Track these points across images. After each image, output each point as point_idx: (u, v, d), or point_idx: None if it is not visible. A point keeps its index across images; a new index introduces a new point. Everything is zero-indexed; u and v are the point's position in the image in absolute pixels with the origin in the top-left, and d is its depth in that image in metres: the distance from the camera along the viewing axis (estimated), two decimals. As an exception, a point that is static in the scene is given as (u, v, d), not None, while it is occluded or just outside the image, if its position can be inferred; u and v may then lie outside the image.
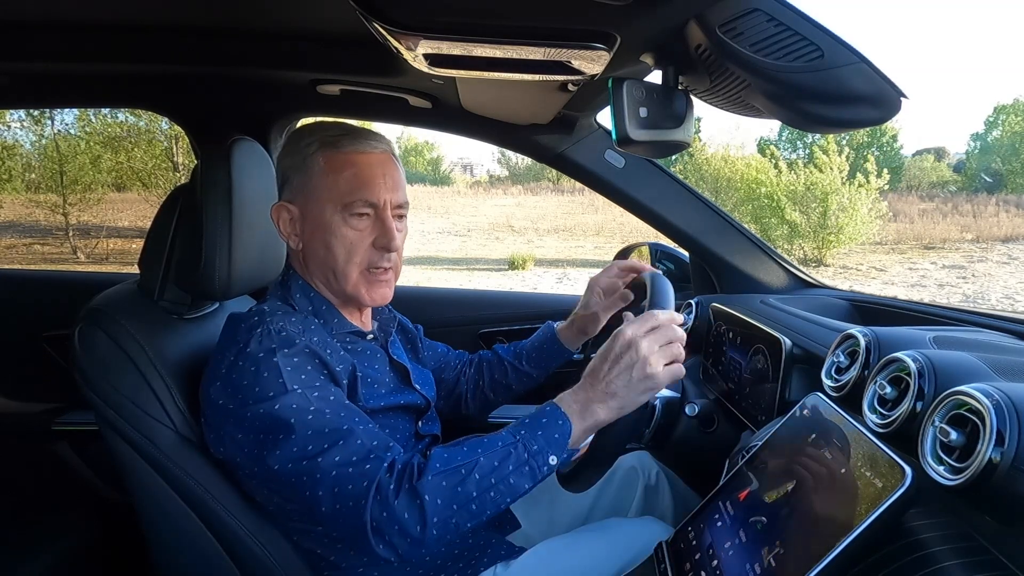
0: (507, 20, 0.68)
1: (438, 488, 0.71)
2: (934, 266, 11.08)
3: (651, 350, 0.76)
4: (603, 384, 0.76)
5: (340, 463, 0.73)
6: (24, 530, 1.32)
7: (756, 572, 0.58)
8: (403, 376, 0.97)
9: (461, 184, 26.58)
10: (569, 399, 0.78)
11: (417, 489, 0.71)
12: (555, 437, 0.75)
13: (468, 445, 0.76)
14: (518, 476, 0.74)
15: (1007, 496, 0.49)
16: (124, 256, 10.59)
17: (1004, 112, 23.42)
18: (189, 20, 1.11)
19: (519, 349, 1.16)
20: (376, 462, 0.73)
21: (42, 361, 1.57)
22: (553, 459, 0.75)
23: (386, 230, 0.88)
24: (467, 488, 0.72)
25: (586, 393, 0.77)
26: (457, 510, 0.72)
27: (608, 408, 0.76)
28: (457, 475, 0.72)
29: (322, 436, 0.74)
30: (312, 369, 0.79)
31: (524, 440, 0.75)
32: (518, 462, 0.74)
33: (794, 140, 22.86)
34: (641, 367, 0.75)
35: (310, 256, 0.91)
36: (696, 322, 1.29)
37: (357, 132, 0.90)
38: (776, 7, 0.59)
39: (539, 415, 0.77)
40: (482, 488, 0.72)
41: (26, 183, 12.56)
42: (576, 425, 0.76)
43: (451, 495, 0.72)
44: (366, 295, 0.90)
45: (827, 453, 0.62)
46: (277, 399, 0.75)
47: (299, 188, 0.90)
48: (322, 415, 0.75)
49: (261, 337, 0.79)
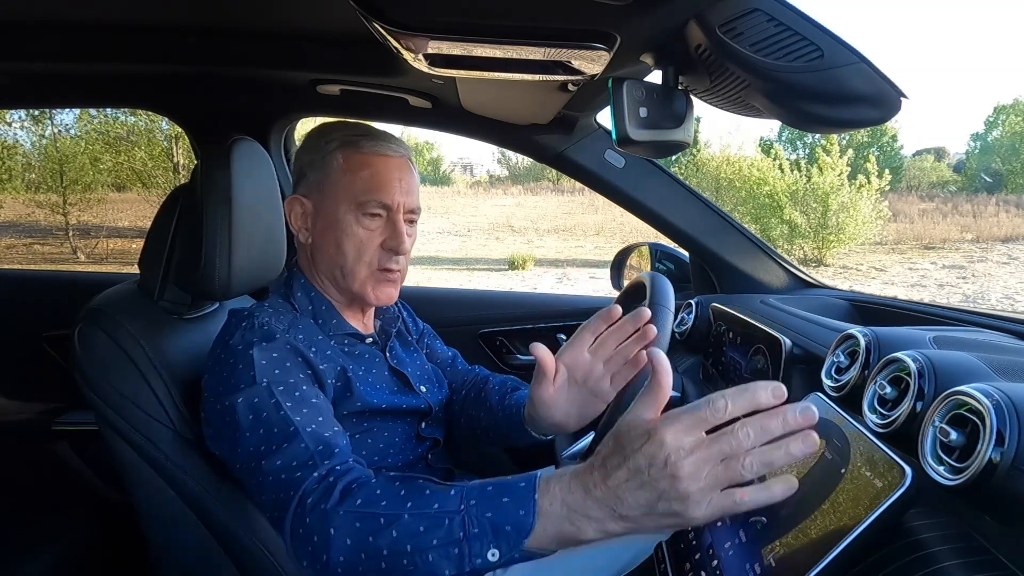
0: (507, 20, 0.68)
1: (349, 528, 0.62)
2: (934, 266, 11.08)
3: (694, 478, 0.51)
4: (611, 497, 0.54)
5: (279, 467, 0.69)
6: (24, 530, 1.32)
7: (756, 572, 0.58)
8: (402, 381, 0.96)
9: (461, 184, 26.60)
10: (557, 493, 0.57)
11: (328, 516, 0.63)
12: (504, 529, 0.57)
13: (407, 489, 0.63)
14: (440, 556, 0.58)
15: (1007, 496, 0.49)
16: (124, 256, 10.59)
17: (1004, 112, 23.43)
18: (189, 20, 1.11)
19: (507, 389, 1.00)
20: (309, 470, 0.68)
21: (42, 361, 1.57)
22: (493, 554, 0.58)
23: (396, 232, 0.88)
24: (378, 543, 0.60)
25: (584, 497, 0.56)
26: (365, 560, 0.61)
27: (604, 530, 0.56)
28: (374, 523, 0.61)
29: (270, 437, 0.72)
30: (290, 365, 0.78)
31: (467, 514, 0.59)
32: (447, 539, 0.58)
33: (794, 140, 22.85)
34: (673, 501, 0.52)
35: (319, 252, 0.91)
36: (696, 322, 1.29)
37: (378, 134, 0.91)
38: (776, 7, 0.59)
39: (505, 488, 0.60)
40: (394, 551, 0.60)
41: (26, 183, 12.56)
42: (544, 527, 0.57)
43: (360, 541, 0.61)
44: (372, 294, 0.90)
45: (827, 453, 0.62)
46: (242, 392, 0.75)
47: (315, 184, 0.90)
48: (276, 414, 0.73)
49: (244, 331, 0.80)
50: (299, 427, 0.72)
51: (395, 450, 0.91)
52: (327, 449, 0.71)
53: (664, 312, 0.88)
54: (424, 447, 0.97)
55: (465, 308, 1.70)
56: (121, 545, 1.36)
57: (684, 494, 0.51)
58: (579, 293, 7.47)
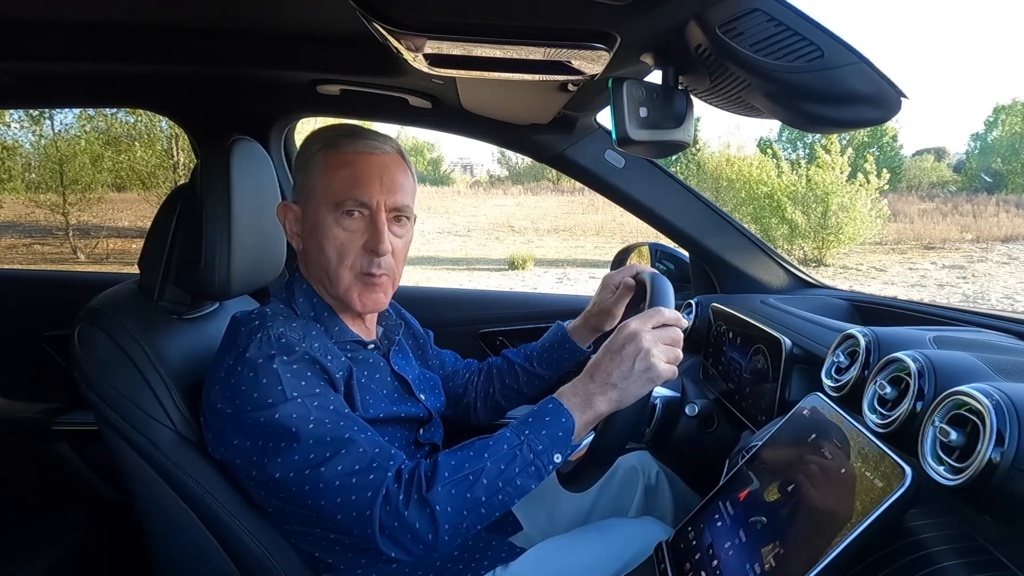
0: (507, 20, 0.68)
1: (448, 497, 0.73)
2: (934, 266, 11.08)
3: (653, 343, 0.77)
4: (603, 375, 0.78)
5: (343, 472, 0.74)
6: (24, 530, 1.32)
7: (756, 572, 0.58)
8: (405, 387, 0.96)
9: (461, 184, 26.58)
10: (569, 393, 0.79)
11: (428, 499, 0.72)
12: (559, 436, 0.76)
13: (474, 449, 0.76)
14: (525, 477, 0.75)
15: (1007, 496, 0.50)
16: (124, 256, 10.59)
17: (1004, 112, 23.43)
18: (189, 20, 1.11)
19: (530, 351, 1.14)
20: (380, 471, 0.74)
21: (42, 361, 1.57)
22: (558, 457, 0.77)
23: (376, 232, 0.84)
24: (476, 494, 0.73)
25: (585, 386, 0.79)
26: (467, 515, 0.73)
27: (608, 400, 0.77)
28: (466, 482, 0.74)
29: (323, 445, 0.74)
30: (312, 376, 0.79)
31: (528, 440, 0.76)
32: (524, 463, 0.75)
33: (794, 140, 22.84)
34: (643, 359, 0.76)
35: (308, 257, 0.89)
36: (696, 322, 1.29)
37: (359, 132, 0.89)
38: (776, 7, 0.59)
39: (542, 412, 0.78)
40: (491, 492, 0.74)
41: (26, 183, 12.56)
42: (578, 419, 0.77)
43: (461, 502, 0.73)
44: (358, 301, 0.87)
45: (827, 453, 0.62)
46: (277, 407, 0.75)
47: (301, 187, 0.89)
48: (322, 424, 0.76)
49: (260, 343, 0.79)
50: (353, 435, 0.76)
51: None
52: (384, 451, 0.77)
53: None
54: (422, 453, 0.97)
55: (465, 308, 1.70)
56: (121, 545, 1.36)
57: (649, 351, 0.77)
58: (579, 293, 7.46)
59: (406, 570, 0.88)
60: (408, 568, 0.88)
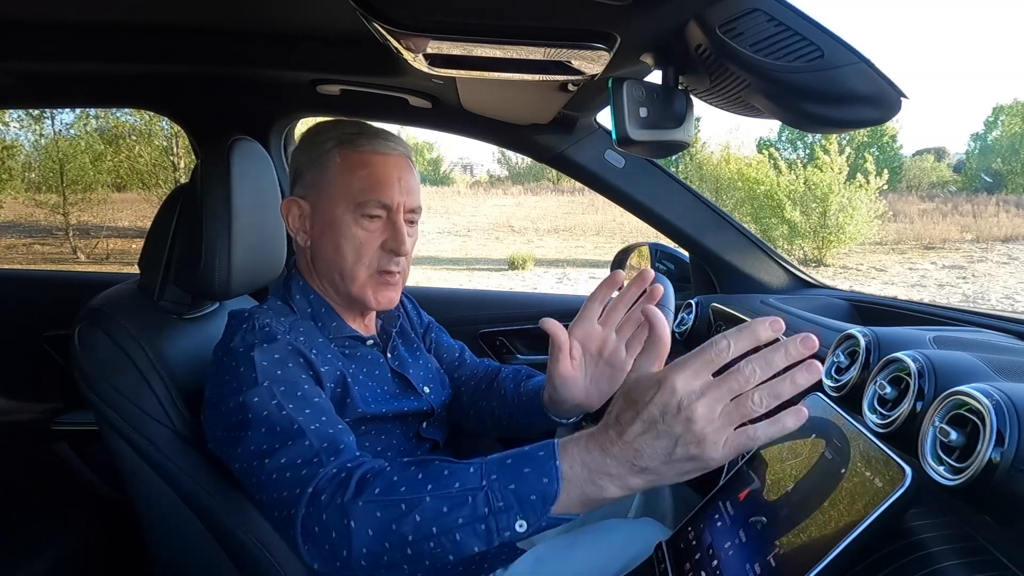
0: (507, 20, 0.68)
1: (369, 518, 0.60)
2: (934, 266, 11.08)
3: (709, 419, 0.52)
4: (629, 451, 0.55)
5: (283, 466, 0.68)
6: (24, 530, 1.32)
7: (756, 572, 0.58)
8: (405, 384, 0.95)
9: (461, 184, 26.59)
10: (576, 455, 0.57)
11: (346, 509, 0.61)
12: (530, 499, 0.57)
13: (426, 472, 0.62)
14: (467, 534, 0.58)
15: (1007, 496, 0.49)
16: (124, 256, 10.59)
17: (1003, 113, 23.43)
18: (189, 20, 1.11)
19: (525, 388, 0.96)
20: (316, 467, 0.66)
21: (42, 361, 1.57)
22: (521, 525, 0.57)
23: (397, 233, 0.86)
24: (402, 529, 0.59)
25: (603, 456, 0.56)
26: (389, 549, 0.60)
27: (627, 486, 0.56)
28: (395, 510, 0.60)
29: (273, 435, 0.70)
30: (292, 366, 0.77)
31: (490, 489, 0.58)
32: (472, 517, 0.58)
33: (794, 140, 22.84)
34: (690, 444, 0.52)
35: (317, 254, 0.89)
36: (696, 322, 1.29)
37: (376, 132, 0.89)
38: (776, 7, 0.59)
39: (525, 459, 0.60)
40: (420, 536, 0.59)
41: (26, 183, 12.57)
42: (567, 492, 0.57)
43: (383, 530, 0.60)
44: (372, 298, 0.88)
45: (827, 453, 0.62)
46: (244, 393, 0.74)
47: (312, 184, 0.88)
48: (279, 413, 0.71)
49: (245, 332, 0.79)
50: (303, 425, 0.70)
51: (394, 452, 0.90)
52: (332, 446, 0.69)
53: (664, 312, 0.88)
54: (424, 448, 0.97)
55: (465, 308, 1.70)
56: (121, 545, 1.36)
57: (700, 436, 0.52)
58: (579, 293, 7.46)
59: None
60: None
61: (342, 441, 0.71)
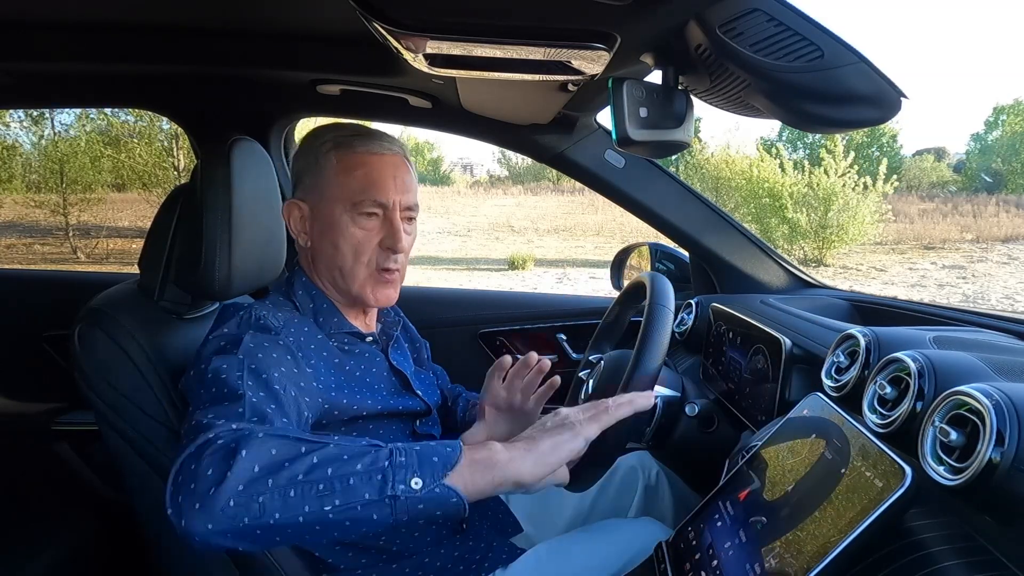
0: (507, 20, 0.68)
1: (262, 451, 0.58)
2: (934, 266, 11.08)
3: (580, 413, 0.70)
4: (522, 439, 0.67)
5: (205, 416, 0.64)
6: (24, 530, 1.32)
7: (756, 572, 0.58)
8: (402, 382, 0.96)
9: (461, 184, 26.58)
10: (480, 446, 0.65)
11: (241, 439, 0.58)
12: (432, 460, 0.61)
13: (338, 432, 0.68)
14: (360, 480, 0.58)
15: (1007, 496, 0.50)
16: (124, 256, 10.59)
17: (1004, 113, 23.43)
18: (190, 20, 1.11)
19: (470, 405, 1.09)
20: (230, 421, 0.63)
21: (42, 361, 1.57)
22: (416, 482, 0.59)
23: (393, 231, 0.88)
24: (294, 468, 0.57)
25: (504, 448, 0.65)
26: (271, 487, 0.56)
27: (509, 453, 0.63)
28: (293, 448, 0.59)
29: (214, 396, 0.68)
30: (276, 357, 0.75)
31: (395, 449, 0.61)
32: (371, 466, 0.59)
33: (794, 140, 22.83)
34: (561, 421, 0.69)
35: (318, 255, 0.91)
36: (696, 322, 1.29)
37: (370, 133, 0.91)
38: (776, 7, 0.59)
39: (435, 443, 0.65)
40: (309, 477, 0.57)
41: (26, 183, 12.57)
42: (465, 464, 0.61)
43: (271, 467, 0.57)
44: (371, 296, 0.90)
45: (827, 453, 0.62)
46: (216, 358, 0.72)
47: (310, 186, 0.90)
48: (233, 379, 0.69)
49: (240, 321, 0.80)
50: (246, 396, 0.67)
51: None
52: (260, 420, 0.65)
53: (664, 312, 0.88)
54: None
55: (465, 308, 1.70)
56: (121, 545, 1.36)
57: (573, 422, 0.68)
58: (579, 293, 7.46)
59: (406, 571, 0.88)
60: (408, 569, 0.88)
61: (280, 415, 0.68)
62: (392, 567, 0.87)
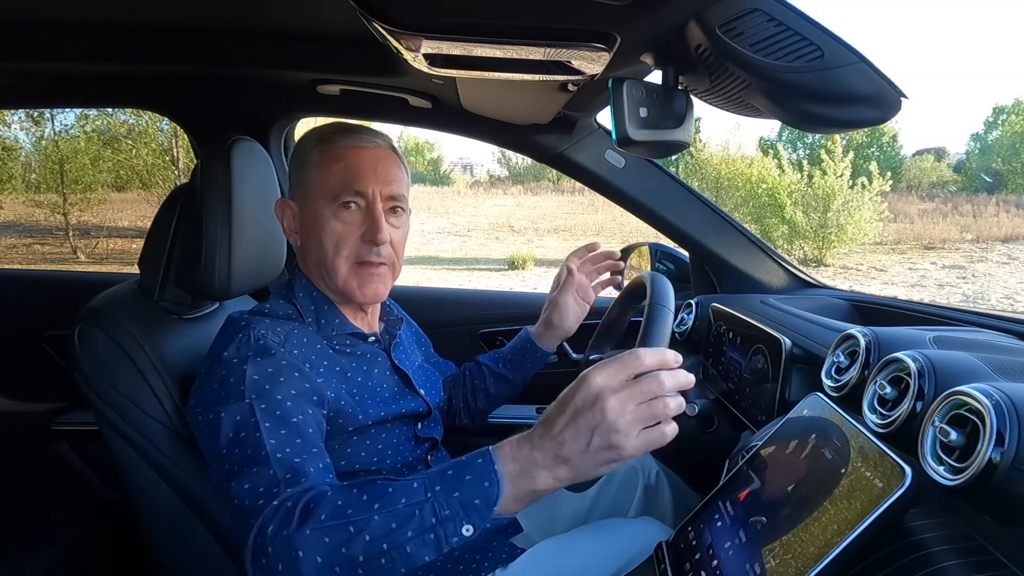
0: (507, 20, 0.68)
1: (318, 545, 0.60)
2: (934, 266, 11.08)
3: (622, 411, 0.59)
4: (553, 444, 0.61)
5: (246, 492, 0.67)
6: (24, 530, 1.32)
7: (756, 572, 0.58)
8: (405, 381, 0.96)
9: (461, 184, 26.56)
10: (509, 453, 0.62)
11: (292, 540, 0.60)
12: (474, 504, 0.60)
13: (370, 492, 0.63)
14: (417, 546, 0.60)
15: (1007, 496, 0.50)
16: (124, 256, 10.59)
17: (1004, 112, 23.43)
18: (190, 20, 1.11)
19: (498, 354, 1.17)
20: (274, 498, 0.65)
21: (42, 361, 1.57)
22: (468, 529, 0.60)
23: (374, 221, 0.86)
24: (352, 551, 0.60)
25: (531, 450, 0.62)
26: (340, 572, 0.60)
27: (554, 477, 0.61)
28: (344, 533, 0.60)
29: (243, 459, 0.70)
30: (284, 380, 0.76)
31: (435, 500, 0.61)
32: (421, 528, 0.60)
33: (794, 140, 22.83)
34: (605, 433, 0.58)
35: (307, 253, 0.90)
36: (696, 322, 1.29)
37: (352, 129, 0.90)
38: (776, 7, 0.59)
39: (464, 468, 0.63)
40: (371, 554, 0.60)
41: (26, 183, 12.57)
42: (508, 489, 0.61)
43: (333, 555, 0.60)
44: (357, 291, 0.88)
45: (827, 453, 0.62)
46: (227, 406, 0.73)
47: (297, 185, 0.90)
48: (253, 435, 0.70)
49: (239, 344, 0.78)
50: (271, 452, 0.69)
51: (393, 452, 0.91)
52: (295, 476, 0.68)
53: (664, 312, 0.88)
54: (423, 448, 0.97)
55: (465, 308, 1.70)
56: (121, 545, 1.36)
57: (613, 426, 0.58)
58: (579, 293, 7.43)
59: (406, 570, 0.87)
60: (408, 568, 0.88)
61: (306, 472, 0.69)
62: (392, 567, 0.87)
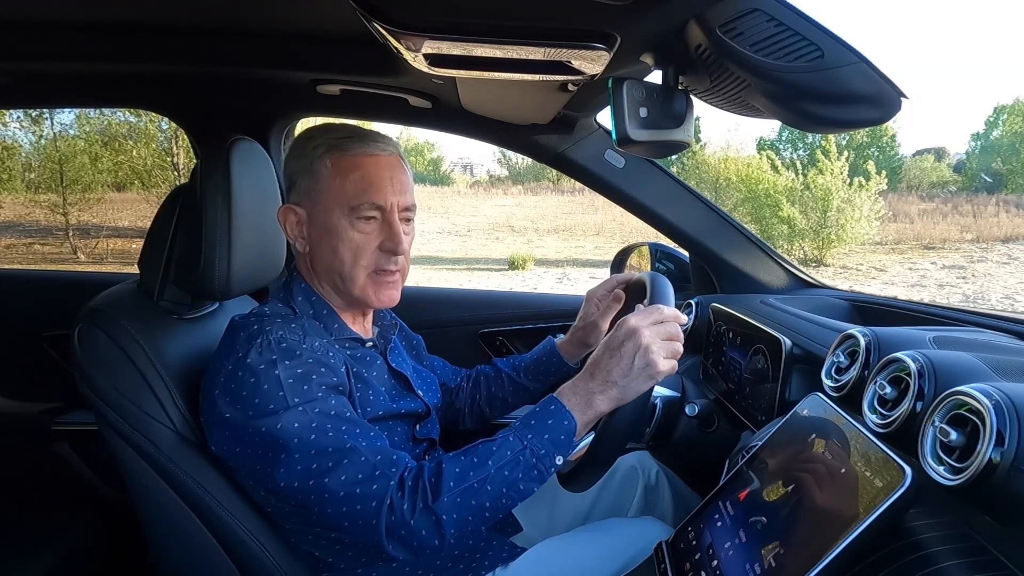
0: (507, 20, 0.68)
1: (454, 506, 0.74)
2: (934, 266, 11.08)
3: (652, 339, 0.77)
4: (603, 373, 0.78)
5: (347, 482, 0.74)
6: (24, 530, 1.32)
7: (756, 572, 0.58)
8: (403, 384, 0.96)
9: (461, 184, 26.54)
10: (570, 392, 0.80)
11: (434, 509, 0.73)
12: (561, 439, 0.77)
13: (478, 454, 0.77)
14: (528, 481, 0.77)
15: (1007, 496, 0.50)
16: (124, 256, 10.59)
17: (1004, 112, 23.41)
18: (189, 20, 1.11)
19: (518, 362, 1.17)
20: (383, 480, 0.75)
21: (42, 361, 1.57)
22: (559, 459, 0.78)
23: (393, 233, 0.87)
24: (481, 500, 0.75)
25: (586, 384, 0.79)
26: (472, 519, 0.75)
27: (608, 398, 0.78)
28: (471, 491, 0.75)
29: (325, 455, 0.75)
30: (316, 379, 0.79)
31: (531, 445, 0.77)
32: (527, 467, 0.76)
33: (794, 140, 22.82)
34: (643, 355, 0.77)
35: (317, 259, 0.90)
36: (696, 322, 1.29)
37: (365, 134, 0.89)
38: (776, 7, 0.59)
39: (543, 414, 0.79)
40: (495, 497, 0.76)
41: (26, 183, 12.56)
42: (579, 420, 0.78)
43: (466, 509, 0.75)
44: (374, 297, 0.89)
45: (827, 453, 0.62)
46: (279, 415, 0.75)
47: (306, 191, 0.88)
48: (324, 432, 0.76)
49: (261, 348, 0.79)
50: (354, 444, 0.77)
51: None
52: (386, 456, 0.77)
53: (664, 281, 0.89)
54: (421, 448, 0.97)
55: (465, 308, 1.70)
56: (121, 545, 1.36)
57: (649, 348, 0.77)
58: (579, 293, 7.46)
59: (406, 570, 0.88)
60: (408, 568, 0.88)
61: (388, 450, 0.79)
62: (392, 566, 0.87)
